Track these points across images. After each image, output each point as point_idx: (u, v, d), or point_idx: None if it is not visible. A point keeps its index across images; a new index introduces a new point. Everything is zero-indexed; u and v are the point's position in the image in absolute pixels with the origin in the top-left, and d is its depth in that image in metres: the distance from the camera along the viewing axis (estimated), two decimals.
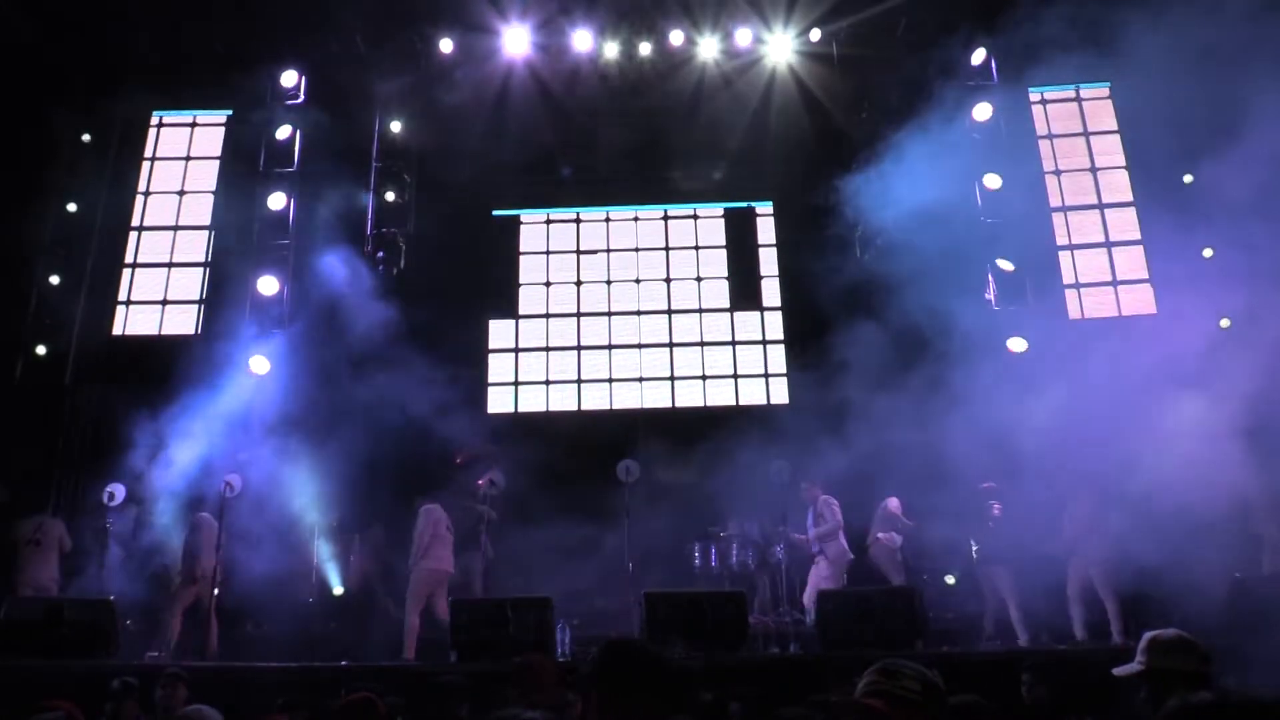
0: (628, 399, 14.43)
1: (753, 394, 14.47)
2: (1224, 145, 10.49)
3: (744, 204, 15.31)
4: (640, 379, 14.54)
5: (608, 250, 15.21)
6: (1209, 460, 8.59)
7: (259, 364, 12.24)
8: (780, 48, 13.39)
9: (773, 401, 14.34)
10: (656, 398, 14.45)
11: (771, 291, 14.94)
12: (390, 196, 13.83)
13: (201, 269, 14.03)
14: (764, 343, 14.71)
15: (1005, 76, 13.37)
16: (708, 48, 13.31)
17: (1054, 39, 12.63)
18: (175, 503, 11.06)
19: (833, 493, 11.02)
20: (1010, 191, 12.86)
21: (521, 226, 15.29)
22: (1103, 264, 13.87)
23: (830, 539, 10.37)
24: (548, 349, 14.69)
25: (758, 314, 14.88)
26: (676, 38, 13.18)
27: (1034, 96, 14.48)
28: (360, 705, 4.09)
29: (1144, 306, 13.46)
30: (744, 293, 14.98)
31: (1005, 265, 12.55)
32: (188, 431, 11.86)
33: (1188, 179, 12.67)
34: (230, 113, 14.54)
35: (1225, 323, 11.26)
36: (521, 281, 15.02)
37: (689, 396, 14.48)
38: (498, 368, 14.58)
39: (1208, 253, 11.97)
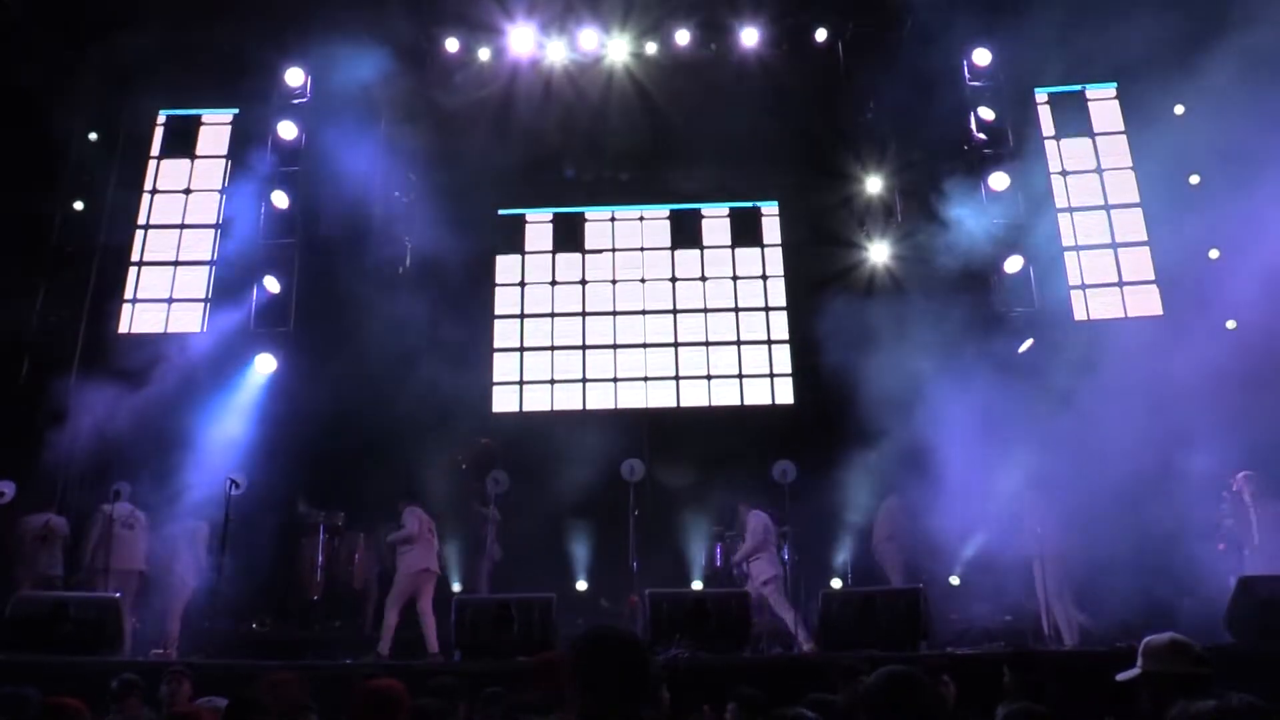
0: (633, 399, 14.43)
1: (758, 394, 14.45)
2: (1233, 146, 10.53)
3: (749, 204, 15.31)
4: (645, 379, 14.54)
5: (613, 250, 15.22)
6: None
7: (265, 363, 12.26)
8: (786, 47, 13.38)
9: (778, 401, 14.33)
10: (661, 397, 14.44)
11: (777, 291, 14.93)
12: (396, 196, 13.81)
13: (207, 267, 14.06)
14: (769, 343, 14.69)
15: (1011, 77, 13.35)
16: (713, 47, 13.30)
17: (1060, 39, 12.62)
18: (179, 501, 11.06)
19: (839, 492, 11.03)
20: (1016, 191, 12.85)
21: (527, 225, 15.31)
22: (1109, 265, 13.85)
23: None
24: (553, 348, 14.70)
25: (763, 314, 14.86)
26: (682, 37, 13.18)
27: (1040, 97, 14.45)
28: (384, 693, 3.97)
29: (1150, 308, 13.44)
30: (749, 293, 14.97)
31: (1011, 265, 12.53)
32: (191, 429, 11.90)
33: (1194, 179, 12.70)
34: (237, 111, 14.58)
35: (1231, 324, 11.29)
36: (527, 280, 15.02)
37: (694, 396, 14.47)
38: (502, 367, 14.59)
39: (1214, 254, 12.02)
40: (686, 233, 15.31)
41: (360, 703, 3.98)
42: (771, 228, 15.26)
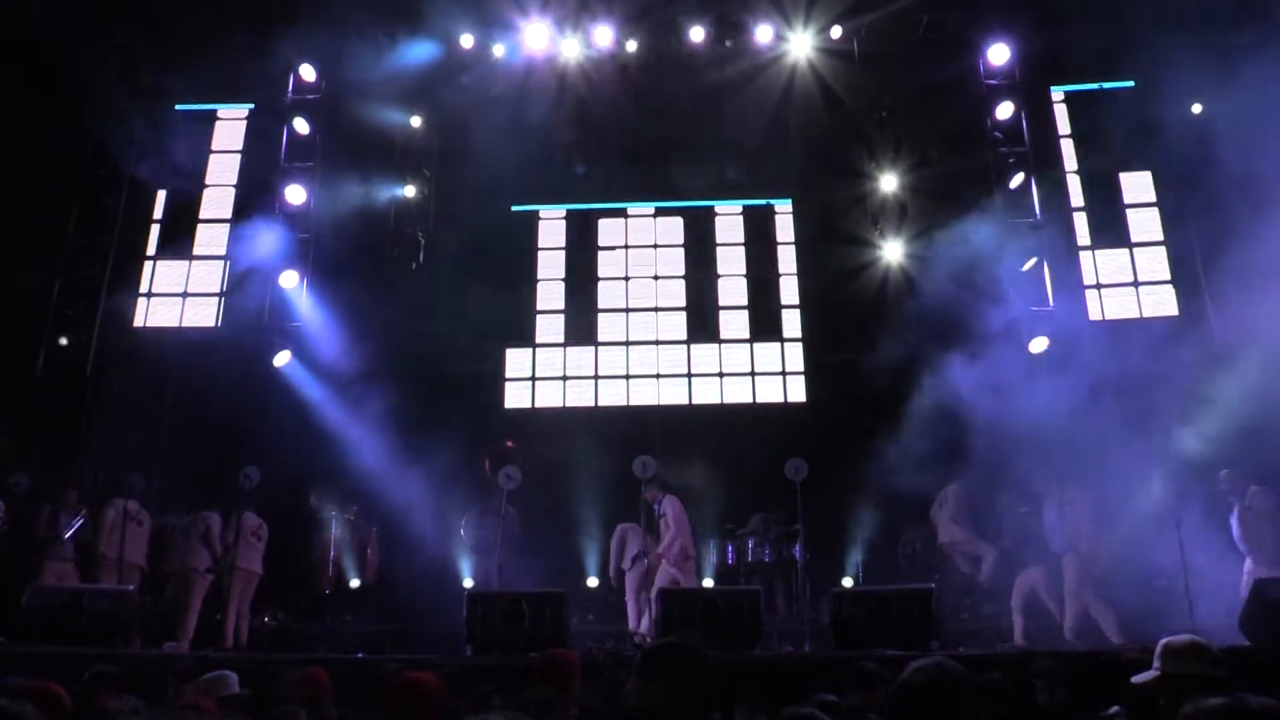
0: (645, 396, 14.40)
1: (770, 392, 14.40)
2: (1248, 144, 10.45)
3: (763, 201, 15.24)
4: (657, 376, 14.50)
5: (626, 247, 15.19)
6: None
7: (282, 358, 12.31)
8: (801, 45, 13.34)
9: (790, 399, 14.27)
10: (674, 395, 14.41)
11: (790, 289, 14.86)
12: (410, 192, 13.85)
13: (222, 262, 14.10)
14: (782, 340, 14.64)
15: (1027, 75, 13.27)
16: (728, 44, 13.26)
17: (1077, 37, 12.55)
18: (193, 494, 11.13)
19: (851, 491, 11.00)
20: (1031, 190, 12.80)
21: (540, 222, 15.29)
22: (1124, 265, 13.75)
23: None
24: (565, 345, 14.68)
25: (776, 312, 14.79)
26: (697, 34, 13.15)
27: (1056, 95, 14.35)
28: (417, 685, 3.91)
29: (1166, 308, 13.35)
30: (762, 290, 14.91)
31: (1026, 264, 12.48)
32: (208, 425, 11.97)
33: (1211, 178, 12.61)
34: (252, 106, 14.62)
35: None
36: (540, 277, 15.01)
37: (706, 394, 14.43)
38: (515, 363, 14.58)
39: None
40: (699, 230, 15.26)
41: (393, 695, 3.92)
42: (785, 225, 15.19)
